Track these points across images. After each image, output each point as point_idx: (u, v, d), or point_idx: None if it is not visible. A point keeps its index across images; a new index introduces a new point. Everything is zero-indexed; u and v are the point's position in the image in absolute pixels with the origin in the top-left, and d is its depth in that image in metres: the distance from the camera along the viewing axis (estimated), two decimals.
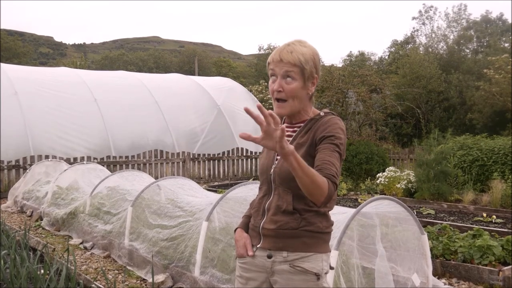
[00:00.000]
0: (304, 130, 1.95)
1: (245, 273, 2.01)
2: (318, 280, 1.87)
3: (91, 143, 12.23)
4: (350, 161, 11.93)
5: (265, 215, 1.96)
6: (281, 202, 1.90)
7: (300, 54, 1.90)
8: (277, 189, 1.94)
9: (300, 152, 1.87)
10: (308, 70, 1.91)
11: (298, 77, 1.90)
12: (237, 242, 2.06)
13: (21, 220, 7.62)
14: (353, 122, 14.69)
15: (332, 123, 1.90)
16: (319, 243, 1.90)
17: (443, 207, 8.38)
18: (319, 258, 1.89)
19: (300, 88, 1.92)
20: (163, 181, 5.57)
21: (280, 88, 1.90)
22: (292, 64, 1.88)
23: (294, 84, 1.90)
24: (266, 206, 1.96)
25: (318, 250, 1.89)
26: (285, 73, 1.89)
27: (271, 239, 1.92)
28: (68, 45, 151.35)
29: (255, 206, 2.04)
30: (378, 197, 3.58)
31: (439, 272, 4.51)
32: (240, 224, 2.11)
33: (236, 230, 2.10)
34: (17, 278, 3.72)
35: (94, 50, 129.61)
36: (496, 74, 16.38)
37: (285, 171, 1.87)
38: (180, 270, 4.25)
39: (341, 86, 13.34)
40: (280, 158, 1.93)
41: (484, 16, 26.50)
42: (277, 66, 1.91)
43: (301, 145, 1.91)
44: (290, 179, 1.85)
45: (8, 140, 11.01)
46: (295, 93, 1.91)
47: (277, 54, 1.92)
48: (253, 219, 2.02)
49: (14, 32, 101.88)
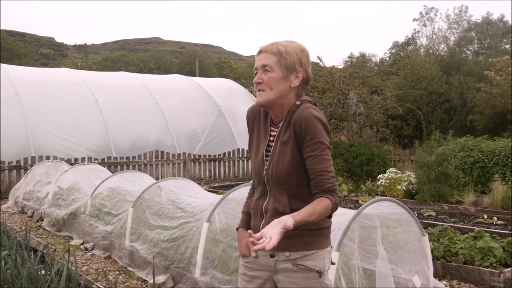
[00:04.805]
0: (285, 124, 1.94)
1: (249, 271, 2.03)
2: (321, 277, 1.90)
3: (92, 143, 12.24)
4: (351, 162, 11.93)
5: (263, 217, 1.97)
6: (277, 204, 1.91)
7: (281, 46, 1.91)
8: (272, 190, 1.95)
9: (286, 150, 1.89)
10: (288, 60, 1.89)
11: (277, 67, 1.89)
12: (239, 242, 2.08)
13: (22, 221, 7.62)
14: (354, 123, 14.69)
15: (310, 118, 1.85)
16: (320, 240, 1.93)
17: (444, 208, 8.38)
18: (320, 255, 1.91)
19: (279, 79, 1.89)
20: (164, 182, 5.57)
21: (260, 80, 1.91)
22: (270, 53, 1.89)
23: (272, 74, 1.89)
24: (264, 208, 1.97)
25: (320, 246, 1.92)
26: (264, 65, 1.90)
27: None
28: (69, 46, 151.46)
29: (253, 207, 2.04)
30: (379, 198, 3.58)
31: (440, 274, 4.50)
32: (241, 223, 2.11)
33: (238, 230, 2.12)
34: (18, 278, 3.72)
35: (95, 51, 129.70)
36: (497, 75, 16.35)
37: (278, 173, 1.89)
38: (180, 271, 4.25)
39: (342, 87, 13.33)
40: (270, 160, 1.93)
41: (485, 17, 26.46)
42: (258, 59, 1.93)
43: (285, 143, 1.91)
44: (283, 180, 1.89)
45: (9, 141, 11.01)
46: (272, 82, 1.89)
47: (259, 49, 1.94)
48: (253, 220, 2.04)
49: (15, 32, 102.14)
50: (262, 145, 2.00)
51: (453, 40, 25.40)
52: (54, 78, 13.40)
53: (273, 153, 1.93)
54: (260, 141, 2.01)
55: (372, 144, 13.20)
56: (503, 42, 24.22)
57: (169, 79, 16.96)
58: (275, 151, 1.93)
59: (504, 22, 26.49)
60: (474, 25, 25.68)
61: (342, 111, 13.89)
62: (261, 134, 2.03)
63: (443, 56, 23.78)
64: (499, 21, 26.56)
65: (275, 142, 1.95)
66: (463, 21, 26.16)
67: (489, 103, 16.91)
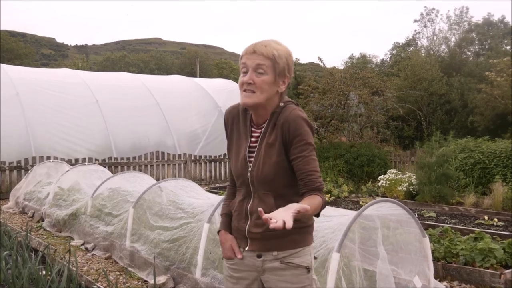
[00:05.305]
0: (270, 126, 1.94)
1: (235, 273, 2.03)
2: (308, 273, 1.95)
3: (92, 144, 12.24)
4: (352, 163, 11.93)
5: (248, 219, 1.96)
6: (263, 206, 1.89)
7: (274, 49, 1.89)
8: (257, 192, 1.94)
9: (272, 151, 1.90)
10: (280, 65, 1.89)
11: (270, 71, 1.88)
12: (223, 245, 2.07)
13: (22, 221, 7.62)
14: (355, 124, 14.67)
15: (297, 120, 1.88)
16: (305, 237, 1.97)
17: (445, 209, 8.37)
18: (307, 251, 1.96)
19: (270, 83, 1.89)
20: (165, 183, 5.57)
21: (251, 80, 1.87)
22: (265, 56, 1.87)
23: (264, 77, 1.87)
24: (248, 210, 1.95)
25: (305, 244, 1.96)
26: (257, 66, 1.87)
27: (259, 242, 1.94)
28: (70, 46, 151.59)
29: (236, 209, 2.02)
30: (380, 199, 3.58)
31: (441, 275, 4.50)
32: (222, 225, 2.09)
33: (220, 233, 2.09)
34: (19, 279, 3.72)
35: (96, 51, 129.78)
36: (497, 76, 16.34)
37: (263, 174, 1.90)
38: (181, 271, 4.26)
39: (343, 88, 13.31)
40: (254, 161, 1.93)
41: (486, 18, 26.47)
42: (249, 58, 1.89)
43: (271, 145, 1.91)
44: (269, 181, 1.90)
45: (10, 141, 11.02)
46: (264, 86, 1.88)
47: (250, 47, 1.90)
48: (237, 221, 2.01)
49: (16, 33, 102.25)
50: (243, 146, 1.98)
51: (454, 41, 25.40)
52: (55, 79, 13.41)
53: (257, 154, 1.93)
54: (241, 143, 2.00)
55: (372, 145, 13.19)
56: (504, 43, 24.21)
57: (169, 80, 16.97)
58: (260, 152, 1.92)
59: (505, 23, 26.50)
60: (475, 26, 25.68)
61: (343, 112, 13.88)
62: (241, 135, 2.01)
63: (443, 57, 23.78)
64: (500, 22, 26.57)
65: (259, 143, 1.94)
66: (463, 22, 26.18)
67: (490, 104, 16.90)
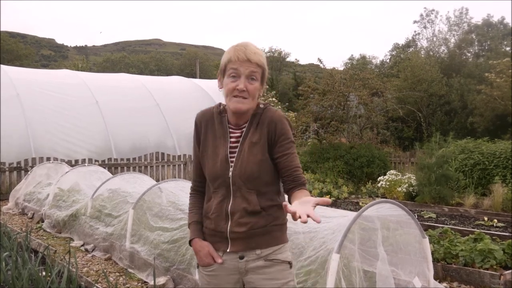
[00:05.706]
0: (253, 126, 1.98)
1: (214, 279, 2.01)
2: (291, 268, 2.00)
3: (92, 145, 12.24)
4: (352, 164, 11.93)
5: (229, 219, 1.95)
6: (246, 204, 1.92)
7: (261, 57, 1.96)
8: (238, 191, 1.94)
9: (256, 149, 1.94)
10: (266, 72, 1.99)
11: (259, 78, 1.96)
12: (198, 253, 2.02)
13: (22, 222, 7.62)
14: (355, 125, 14.67)
15: (282, 120, 1.98)
16: (284, 234, 2.03)
17: (444, 210, 8.37)
18: (286, 248, 2.02)
19: (259, 89, 1.99)
20: (165, 184, 5.57)
21: (245, 88, 1.92)
22: (258, 65, 1.94)
23: (256, 84, 1.95)
24: (229, 210, 1.94)
25: (284, 240, 2.02)
26: (251, 73, 1.92)
27: (242, 241, 1.94)
28: (70, 47, 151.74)
29: (214, 211, 1.98)
30: (379, 200, 3.58)
31: (440, 276, 4.50)
32: (195, 233, 2.06)
33: (193, 241, 2.05)
34: (19, 280, 3.72)
35: (96, 52, 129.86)
36: (497, 78, 16.36)
37: (248, 173, 1.92)
38: (181, 272, 4.25)
39: (343, 89, 13.31)
40: (236, 161, 1.95)
41: (485, 20, 26.50)
42: (242, 65, 1.91)
43: (255, 144, 1.95)
44: (253, 179, 1.92)
45: (10, 142, 11.03)
46: (255, 92, 1.96)
47: (241, 53, 1.91)
48: (214, 224, 1.98)
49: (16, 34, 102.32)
50: (222, 147, 1.99)
51: (454, 42, 25.44)
52: (55, 80, 13.42)
53: (239, 153, 1.95)
54: (219, 144, 2.01)
55: (372, 146, 13.20)
56: (504, 44, 24.24)
57: (169, 81, 16.98)
58: (243, 151, 1.95)
59: (505, 24, 26.54)
60: (475, 27, 25.72)
61: (343, 113, 13.88)
62: (218, 137, 2.02)
63: (443, 58, 23.80)
64: (499, 23, 26.60)
65: (240, 143, 1.97)
66: (463, 23, 26.23)
67: (490, 105, 16.92)
